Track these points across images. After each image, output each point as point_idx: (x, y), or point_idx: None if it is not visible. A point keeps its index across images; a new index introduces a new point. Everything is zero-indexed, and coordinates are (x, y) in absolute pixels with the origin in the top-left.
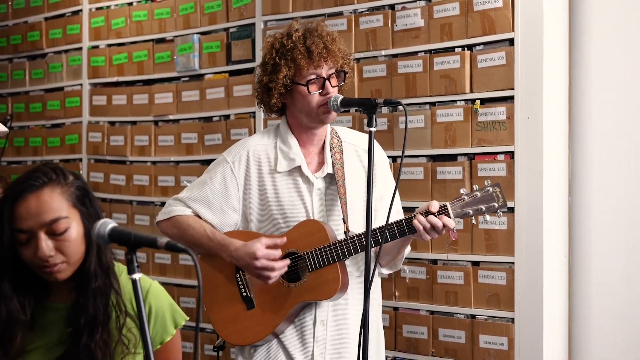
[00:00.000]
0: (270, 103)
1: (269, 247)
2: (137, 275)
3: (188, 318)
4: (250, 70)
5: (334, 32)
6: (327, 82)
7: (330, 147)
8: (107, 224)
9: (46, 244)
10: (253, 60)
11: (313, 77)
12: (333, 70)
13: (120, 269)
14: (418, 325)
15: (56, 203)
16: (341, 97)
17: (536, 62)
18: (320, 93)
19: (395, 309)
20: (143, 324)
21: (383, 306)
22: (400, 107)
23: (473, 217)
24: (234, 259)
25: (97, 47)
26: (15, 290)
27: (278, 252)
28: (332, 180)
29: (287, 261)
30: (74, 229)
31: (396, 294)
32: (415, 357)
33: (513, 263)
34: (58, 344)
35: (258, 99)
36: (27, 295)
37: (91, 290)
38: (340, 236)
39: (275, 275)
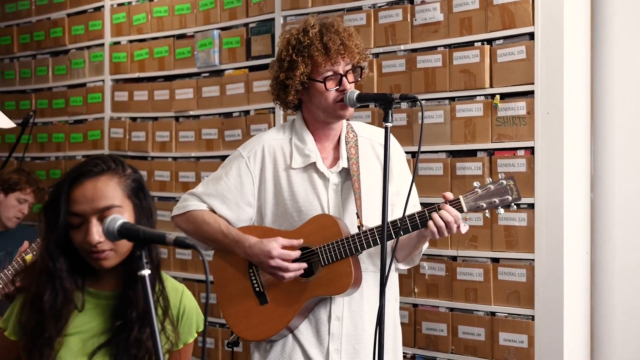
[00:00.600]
0: (286, 100)
1: (285, 247)
2: (146, 272)
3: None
4: None
5: (351, 27)
6: (344, 78)
7: (346, 141)
8: (116, 220)
9: (96, 229)
10: (272, 55)
11: (330, 73)
12: (350, 66)
13: (165, 276)
14: (437, 322)
15: (111, 191)
16: (357, 92)
17: (557, 56)
18: (337, 89)
19: (415, 305)
20: (153, 323)
21: (402, 303)
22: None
23: (487, 211)
24: (249, 256)
25: (118, 43)
26: (69, 270)
27: (295, 254)
28: (347, 175)
29: (304, 265)
30: (126, 219)
31: (415, 290)
32: (435, 354)
33: (533, 260)
34: (102, 333)
35: (274, 96)
36: (79, 278)
37: (146, 291)
38: (355, 231)
39: (288, 276)
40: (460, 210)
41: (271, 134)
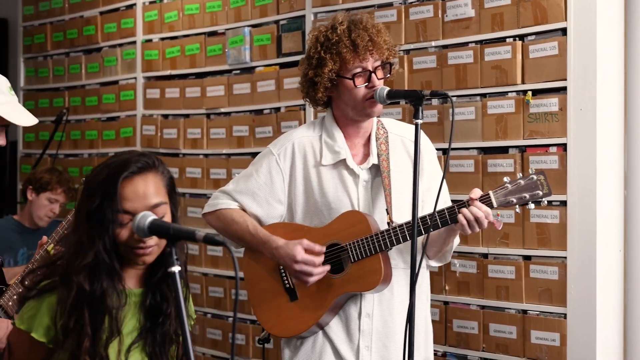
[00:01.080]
0: (315, 97)
1: (307, 251)
2: (176, 268)
3: (195, 316)
4: None
5: (379, 23)
6: (373, 74)
7: (376, 138)
8: (147, 217)
9: None
10: (303, 52)
11: (359, 70)
12: (379, 63)
13: None
14: (468, 319)
15: (159, 188)
16: (387, 89)
17: (589, 51)
18: (366, 86)
19: (446, 303)
20: (183, 319)
21: (433, 300)
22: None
23: (518, 207)
24: (275, 257)
25: (150, 40)
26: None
27: (319, 260)
28: (377, 171)
29: (327, 267)
30: (168, 215)
31: (446, 288)
32: (466, 352)
33: (565, 257)
34: (135, 329)
35: (303, 93)
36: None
37: (178, 287)
38: (384, 227)
39: (312, 280)
40: (490, 205)
41: (301, 131)
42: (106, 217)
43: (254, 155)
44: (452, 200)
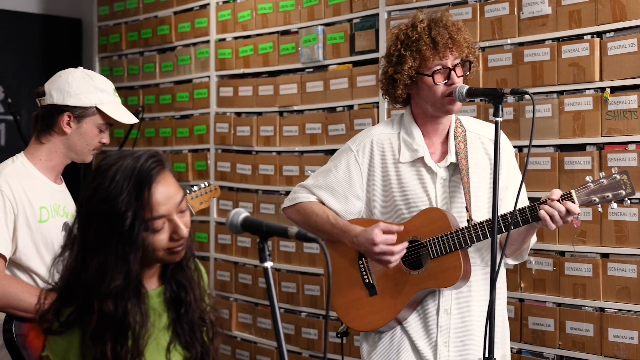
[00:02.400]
0: (395, 94)
1: (385, 232)
2: (268, 264)
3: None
4: (374, 61)
5: (459, 21)
6: (452, 72)
7: (455, 136)
8: (239, 214)
9: (182, 222)
10: (377, 50)
11: (438, 67)
12: (458, 60)
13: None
14: (544, 317)
15: (175, 182)
16: (467, 87)
17: None
18: (445, 83)
19: (521, 300)
20: (275, 312)
21: (508, 297)
22: (527, 97)
23: (600, 206)
24: (355, 245)
25: (224, 40)
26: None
27: (394, 237)
28: (455, 169)
29: (405, 244)
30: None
31: (522, 285)
32: (542, 350)
33: None
34: (165, 327)
35: (383, 90)
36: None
37: (191, 272)
38: (463, 224)
39: (394, 259)
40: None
41: (380, 128)
42: (139, 230)
43: (326, 152)
44: (529, 198)
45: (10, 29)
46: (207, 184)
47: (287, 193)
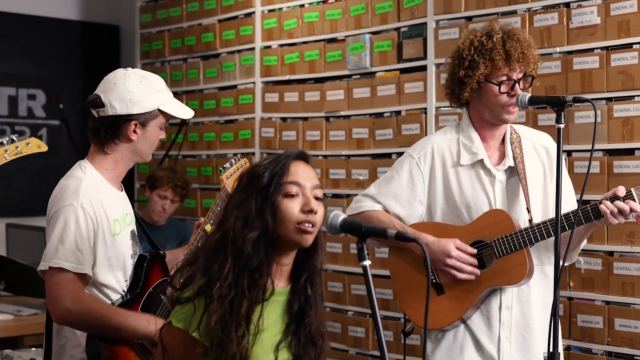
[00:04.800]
0: (460, 95)
1: (458, 249)
2: (367, 262)
3: None
4: (422, 68)
5: (530, 38)
6: (517, 84)
7: (510, 141)
8: (338, 216)
9: (315, 204)
10: (424, 58)
11: (505, 78)
12: (522, 74)
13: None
14: (593, 315)
15: (315, 175)
16: (529, 95)
17: None
18: (508, 94)
19: (570, 298)
20: (374, 309)
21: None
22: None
23: None
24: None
25: (269, 47)
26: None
27: (473, 260)
28: (512, 172)
29: (477, 272)
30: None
31: (570, 284)
32: (590, 346)
33: None
34: (281, 328)
35: (448, 90)
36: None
37: (318, 287)
38: (523, 225)
39: (461, 276)
40: (633, 201)
41: (439, 135)
42: (275, 190)
43: (373, 156)
44: (577, 201)
45: (51, 35)
46: (238, 158)
47: (334, 196)
